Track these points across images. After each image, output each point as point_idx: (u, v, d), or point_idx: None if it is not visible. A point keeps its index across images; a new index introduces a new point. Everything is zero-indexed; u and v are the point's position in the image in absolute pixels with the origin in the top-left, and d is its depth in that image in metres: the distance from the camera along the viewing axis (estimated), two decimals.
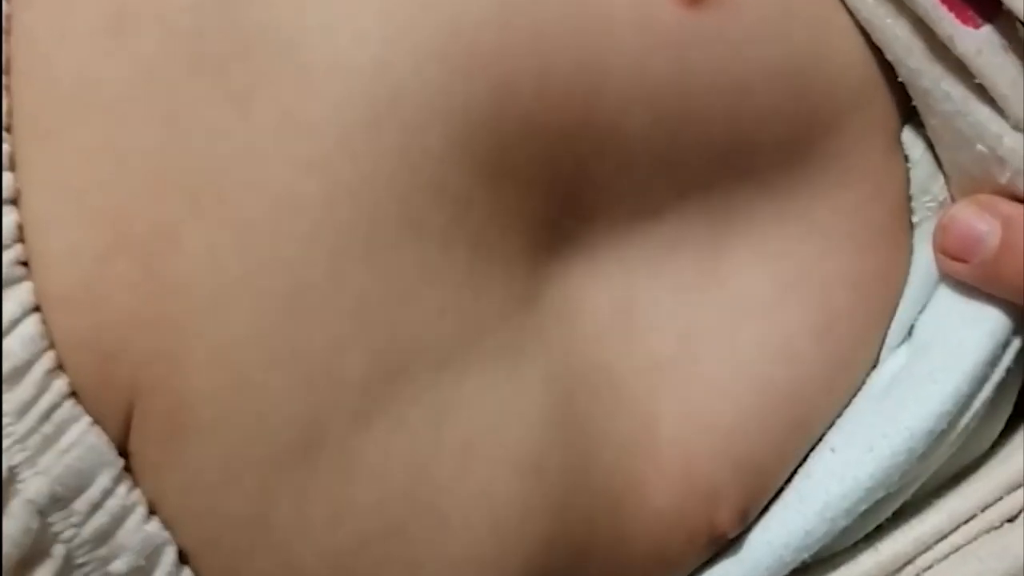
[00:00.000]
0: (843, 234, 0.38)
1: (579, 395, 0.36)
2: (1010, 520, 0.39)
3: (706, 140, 0.36)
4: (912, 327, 0.40)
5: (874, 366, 0.40)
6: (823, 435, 0.39)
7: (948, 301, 0.39)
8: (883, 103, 0.38)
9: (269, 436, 0.32)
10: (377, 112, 0.33)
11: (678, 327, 0.37)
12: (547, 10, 0.34)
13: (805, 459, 0.39)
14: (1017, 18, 0.35)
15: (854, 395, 0.39)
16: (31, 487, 0.31)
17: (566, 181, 0.35)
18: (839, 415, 0.39)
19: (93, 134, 0.32)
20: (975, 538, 0.39)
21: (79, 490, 0.31)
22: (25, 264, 0.31)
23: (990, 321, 0.38)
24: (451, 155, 0.33)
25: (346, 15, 0.33)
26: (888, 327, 0.39)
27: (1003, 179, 0.37)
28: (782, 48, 0.37)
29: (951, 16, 0.36)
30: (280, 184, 0.32)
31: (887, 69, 0.38)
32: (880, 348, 0.40)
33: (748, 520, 0.39)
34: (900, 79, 0.38)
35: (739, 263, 0.38)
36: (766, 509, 0.39)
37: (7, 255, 0.31)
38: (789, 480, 0.39)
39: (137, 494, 0.32)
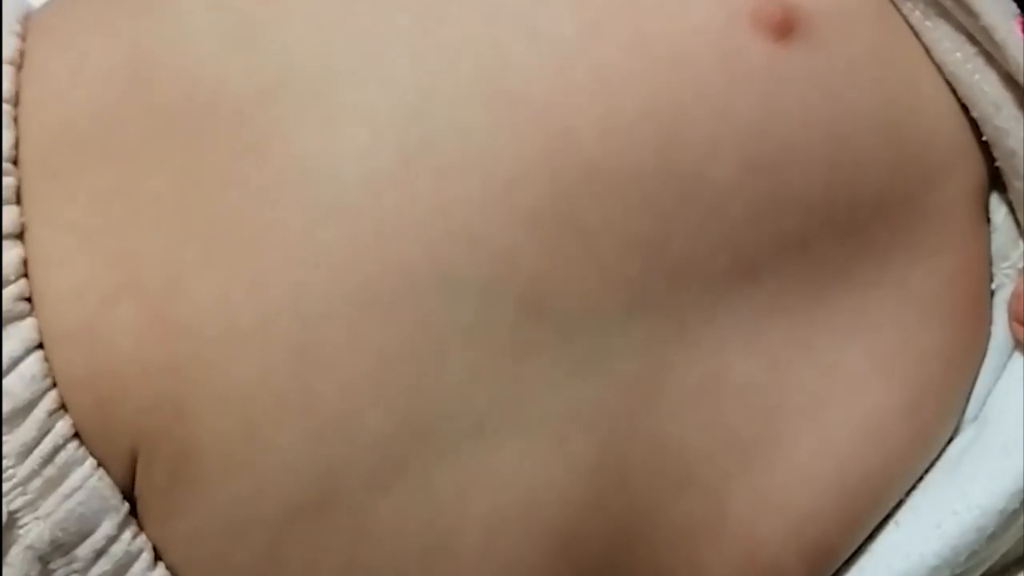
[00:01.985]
0: (938, 305, 0.37)
1: (639, 472, 0.34)
2: None
3: (803, 188, 0.34)
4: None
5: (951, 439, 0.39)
6: None
7: (1023, 373, 0.37)
8: (975, 163, 0.37)
9: (279, 490, 0.32)
10: (407, 158, 0.32)
11: (765, 403, 0.35)
12: (609, 51, 0.33)
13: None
14: None
15: (929, 469, 0.38)
16: (32, 533, 0.31)
17: (648, 234, 0.33)
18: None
19: (107, 176, 0.32)
20: None
21: (82, 536, 0.31)
22: (29, 300, 0.31)
23: None
24: (492, 205, 0.32)
25: (375, 60, 0.32)
26: (969, 399, 0.38)
27: None
28: (875, 93, 0.35)
29: None
30: (297, 233, 0.31)
31: (974, 129, 0.37)
32: (960, 421, 0.38)
33: None
34: (985, 138, 0.36)
35: (834, 334, 0.36)
36: None
37: (10, 290, 0.31)
38: None
39: (142, 540, 0.32)
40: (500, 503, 0.33)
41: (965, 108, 0.36)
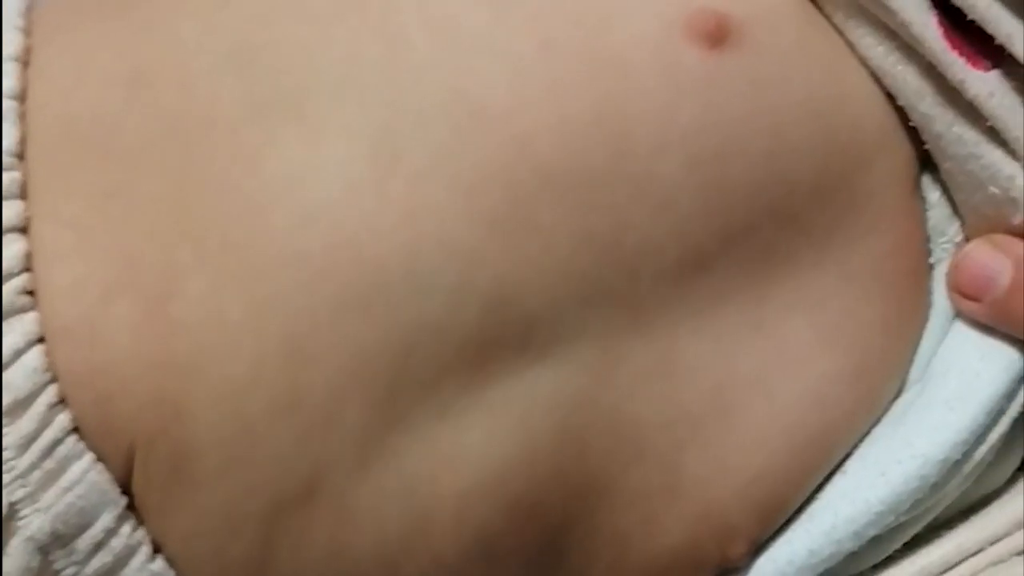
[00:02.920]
0: (877, 280, 0.38)
1: (596, 446, 0.36)
2: (1019, 554, 0.38)
3: (745, 179, 0.36)
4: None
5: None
6: None
7: (964, 336, 0.38)
8: (903, 147, 0.38)
9: (271, 485, 0.33)
10: (380, 169, 0.33)
11: (715, 379, 0.37)
12: (561, 65, 0.34)
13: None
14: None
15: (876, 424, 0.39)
16: (32, 524, 0.31)
17: (602, 231, 0.35)
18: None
19: (108, 177, 0.33)
20: (982, 570, 0.38)
21: (81, 528, 0.32)
22: (32, 294, 0.32)
23: (1006, 356, 0.38)
24: (458, 210, 0.33)
25: (352, 81, 0.34)
26: (911, 365, 0.39)
27: (1016, 220, 0.37)
28: (805, 88, 0.37)
29: (961, 61, 0.35)
30: (283, 235, 0.33)
31: (902, 115, 0.38)
32: (904, 385, 0.39)
33: (757, 545, 0.39)
34: (912, 124, 0.38)
35: (780, 311, 0.37)
36: None
37: (13, 284, 0.31)
38: None
39: (141, 533, 0.33)
40: (469, 480, 0.34)
41: (892, 97, 0.38)
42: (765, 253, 0.37)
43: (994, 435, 0.38)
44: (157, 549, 0.33)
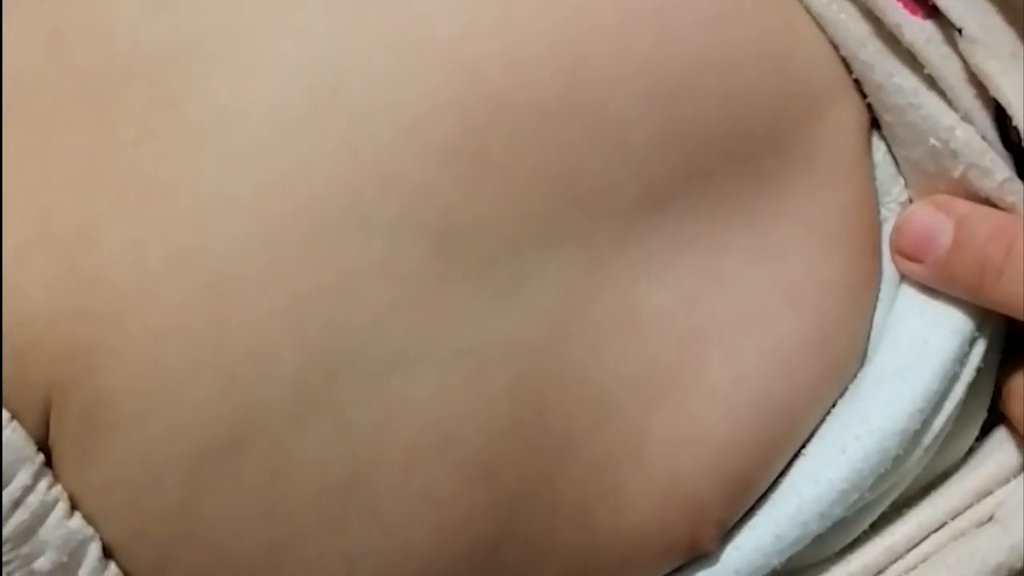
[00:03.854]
0: (838, 237, 0.38)
1: (557, 405, 0.35)
2: (978, 526, 0.38)
3: (699, 120, 0.35)
4: None
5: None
6: None
7: (911, 301, 0.38)
8: (853, 99, 0.38)
9: (192, 433, 0.32)
10: (316, 103, 0.33)
11: (679, 331, 0.36)
12: None
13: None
14: (952, 25, 0.35)
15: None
16: None
17: (557, 167, 0.34)
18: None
19: (24, 138, 0.33)
20: (945, 546, 0.38)
21: None
22: None
23: (953, 319, 0.37)
24: (403, 143, 0.33)
25: (285, 15, 0.33)
26: (870, 332, 0.39)
27: (956, 173, 0.37)
28: (758, 27, 0.36)
29: (899, 6, 0.35)
30: (210, 179, 0.32)
31: (848, 69, 0.38)
32: (865, 354, 0.39)
33: (725, 530, 0.38)
34: (855, 76, 0.37)
35: (741, 263, 0.37)
36: None
37: None
38: None
39: (58, 490, 0.32)
40: (418, 434, 0.33)
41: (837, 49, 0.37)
42: (722, 198, 0.36)
43: (950, 402, 0.38)
44: (75, 506, 0.32)
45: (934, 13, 0.36)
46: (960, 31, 0.35)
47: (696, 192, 0.36)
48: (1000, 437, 0.39)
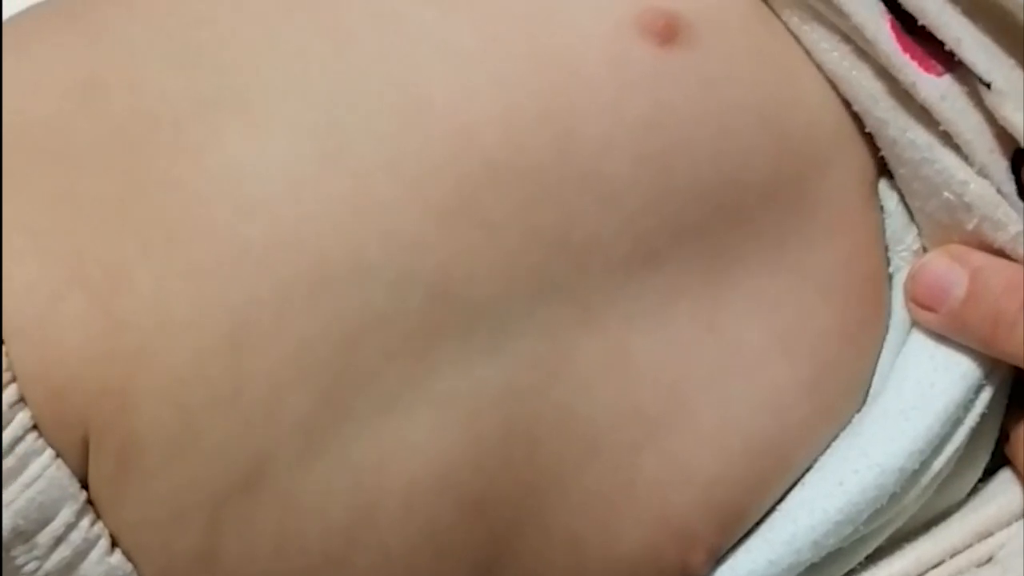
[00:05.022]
0: (834, 286, 0.38)
1: (547, 444, 0.36)
2: (978, 566, 0.38)
3: (693, 179, 0.36)
4: None
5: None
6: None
7: (921, 346, 0.39)
8: (859, 153, 0.39)
9: (214, 476, 0.33)
10: (325, 161, 0.34)
11: (669, 379, 0.37)
12: (508, 59, 0.35)
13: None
14: (975, 75, 0.36)
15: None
16: None
17: (550, 225, 0.35)
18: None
19: (57, 182, 0.34)
20: None
21: (42, 524, 0.32)
22: None
23: (962, 366, 0.38)
24: (404, 202, 0.34)
25: (297, 77, 0.35)
26: (872, 375, 0.40)
27: (970, 226, 0.37)
28: (756, 90, 0.37)
29: (913, 64, 0.36)
30: (225, 228, 0.33)
31: (858, 121, 0.38)
32: (866, 396, 0.40)
33: (718, 556, 0.39)
34: (868, 130, 0.38)
35: (735, 314, 0.37)
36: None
37: None
38: None
39: (100, 527, 0.33)
40: (416, 472, 0.34)
41: (849, 104, 0.38)
42: (717, 253, 0.37)
43: (951, 446, 0.38)
44: (115, 543, 0.33)
45: (952, 67, 0.36)
46: (988, 85, 0.36)
47: (690, 246, 0.37)
48: (1004, 479, 0.40)
